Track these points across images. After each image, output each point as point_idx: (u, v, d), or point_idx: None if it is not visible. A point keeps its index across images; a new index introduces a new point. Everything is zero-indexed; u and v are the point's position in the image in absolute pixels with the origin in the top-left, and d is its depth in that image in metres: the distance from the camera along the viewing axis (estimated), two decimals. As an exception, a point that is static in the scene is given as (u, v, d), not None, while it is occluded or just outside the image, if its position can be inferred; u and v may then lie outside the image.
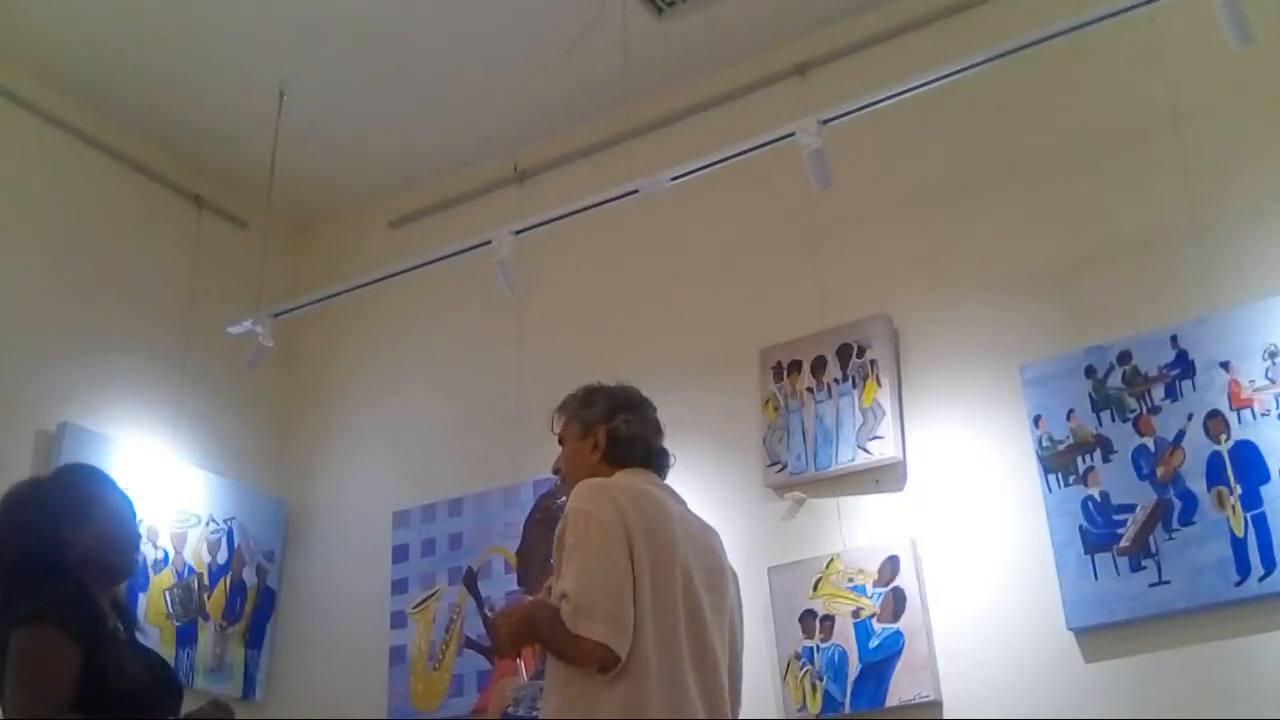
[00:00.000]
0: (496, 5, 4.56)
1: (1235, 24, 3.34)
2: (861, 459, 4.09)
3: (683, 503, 2.81)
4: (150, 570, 4.62)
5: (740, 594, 2.85)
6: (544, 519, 4.56)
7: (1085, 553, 3.66)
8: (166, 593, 4.69)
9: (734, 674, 2.74)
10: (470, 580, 4.68)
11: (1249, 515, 3.47)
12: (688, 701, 2.52)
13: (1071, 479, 3.75)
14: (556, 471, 2.92)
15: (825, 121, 3.76)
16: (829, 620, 3.96)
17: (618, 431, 2.80)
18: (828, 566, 4.03)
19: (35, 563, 2.63)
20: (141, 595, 4.55)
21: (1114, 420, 3.75)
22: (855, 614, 3.93)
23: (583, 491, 2.62)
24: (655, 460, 2.83)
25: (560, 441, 2.88)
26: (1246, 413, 3.56)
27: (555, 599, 2.50)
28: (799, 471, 4.19)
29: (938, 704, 3.77)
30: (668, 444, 2.89)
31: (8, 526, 2.69)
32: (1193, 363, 3.67)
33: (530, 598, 2.82)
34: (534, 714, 3.11)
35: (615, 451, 2.79)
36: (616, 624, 2.45)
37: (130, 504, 2.83)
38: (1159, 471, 3.64)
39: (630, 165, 4.26)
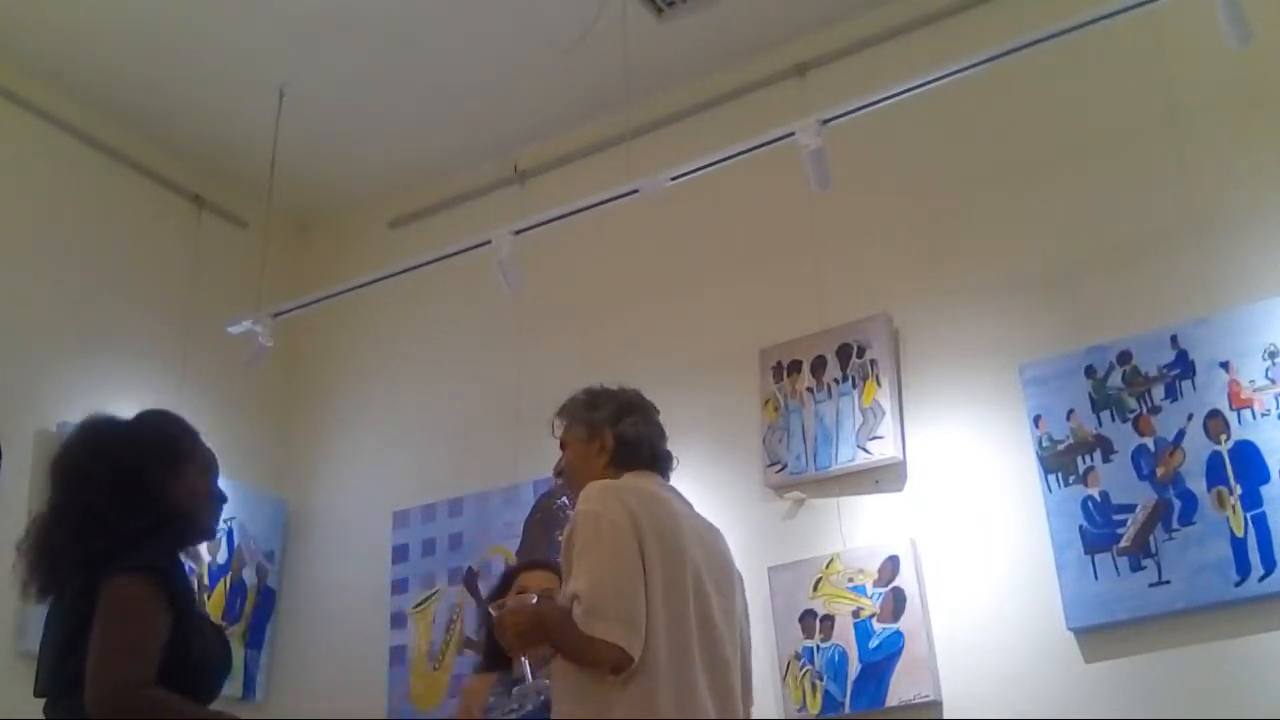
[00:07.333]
0: (496, 5, 4.56)
1: (1234, 24, 3.34)
2: (861, 459, 4.09)
3: (688, 504, 2.80)
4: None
5: (745, 595, 2.85)
6: (544, 519, 4.56)
7: (1085, 553, 3.66)
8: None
9: (743, 675, 2.73)
10: (470, 580, 4.71)
11: (1249, 515, 3.47)
12: (699, 703, 2.52)
13: (1071, 479, 3.75)
14: (559, 475, 2.91)
15: (825, 121, 3.76)
16: (829, 620, 3.96)
17: (625, 434, 2.79)
18: (828, 566, 4.03)
19: (140, 515, 2.42)
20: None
21: (1114, 420, 3.75)
22: (855, 614, 3.93)
23: (591, 493, 2.60)
24: (660, 463, 2.83)
25: (562, 445, 2.87)
26: (1246, 413, 3.56)
27: (566, 600, 2.48)
28: (799, 471, 4.19)
29: (938, 704, 3.77)
30: (668, 444, 2.89)
31: (102, 469, 2.45)
32: (1193, 363, 3.68)
33: (536, 598, 2.79)
34: (527, 713, 3.06)
35: (623, 454, 2.78)
36: (630, 624, 2.44)
37: (216, 460, 2.67)
38: (1159, 471, 3.64)
39: (630, 165, 4.26)
